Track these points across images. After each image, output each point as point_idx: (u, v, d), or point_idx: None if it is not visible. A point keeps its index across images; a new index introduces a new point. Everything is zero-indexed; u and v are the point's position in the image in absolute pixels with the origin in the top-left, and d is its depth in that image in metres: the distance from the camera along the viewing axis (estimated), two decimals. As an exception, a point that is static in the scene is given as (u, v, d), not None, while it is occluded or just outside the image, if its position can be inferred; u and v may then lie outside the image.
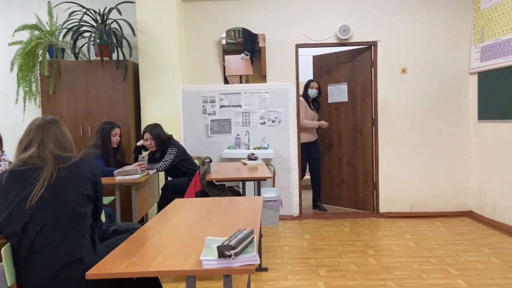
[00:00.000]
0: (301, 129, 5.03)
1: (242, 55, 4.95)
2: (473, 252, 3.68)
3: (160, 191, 4.04)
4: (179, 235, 1.74)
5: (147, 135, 3.86)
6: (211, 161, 3.60)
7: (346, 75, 5.12)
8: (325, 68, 5.31)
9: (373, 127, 5.03)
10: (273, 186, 4.99)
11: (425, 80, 4.97)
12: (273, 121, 5.02)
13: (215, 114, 5.02)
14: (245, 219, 1.94)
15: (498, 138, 4.44)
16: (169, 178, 4.20)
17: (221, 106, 5.02)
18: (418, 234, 4.29)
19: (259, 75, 4.96)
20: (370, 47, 4.98)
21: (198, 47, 5.01)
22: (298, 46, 5.00)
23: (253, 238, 1.47)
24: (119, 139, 3.76)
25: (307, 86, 5.12)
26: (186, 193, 3.42)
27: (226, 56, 4.97)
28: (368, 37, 4.95)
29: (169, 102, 4.46)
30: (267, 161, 4.97)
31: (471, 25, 4.87)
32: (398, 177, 5.03)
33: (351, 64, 5.10)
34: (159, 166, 3.73)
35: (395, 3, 4.92)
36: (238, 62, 4.97)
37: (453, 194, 5.01)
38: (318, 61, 5.45)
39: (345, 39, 4.91)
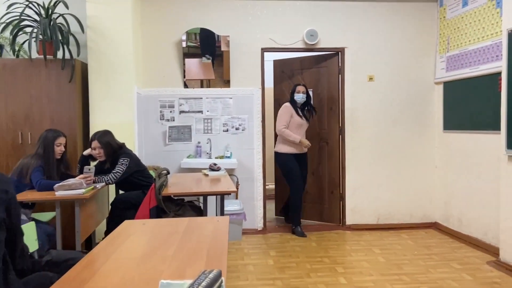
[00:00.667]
0: (284, 139, 4.54)
1: (203, 58, 4.63)
2: (444, 268, 3.55)
3: (110, 206, 3.63)
4: (125, 275, 1.39)
5: (95, 143, 3.44)
6: (168, 173, 3.24)
7: (311, 82, 4.90)
8: (287, 73, 5.03)
9: (340, 135, 4.85)
10: (236, 198, 4.69)
11: (391, 89, 4.87)
12: (236, 129, 4.73)
13: (174, 120, 4.66)
14: (210, 250, 1.62)
15: (462, 149, 4.38)
16: (121, 192, 3.79)
17: (181, 112, 4.67)
18: (386, 248, 4.13)
19: (221, 80, 4.66)
20: (338, 53, 4.82)
21: (156, 48, 4.64)
22: (264, 50, 4.75)
23: (222, 283, 1.17)
24: (63, 149, 3.32)
25: (293, 91, 4.58)
26: (140, 210, 3.05)
27: (186, 59, 4.63)
28: (336, 43, 4.78)
29: (122, 107, 4.06)
30: (230, 171, 4.66)
31: (437, 35, 4.82)
32: (364, 188, 4.88)
33: (316, 70, 4.90)
34: (108, 178, 3.32)
35: (363, 9, 4.78)
36: (199, 66, 4.64)
37: (418, 206, 4.93)
38: (279, 65, 5.15)
39: (312, 44, 4.71)
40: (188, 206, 3.18)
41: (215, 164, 3.88)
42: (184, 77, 4.64)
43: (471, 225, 4.27)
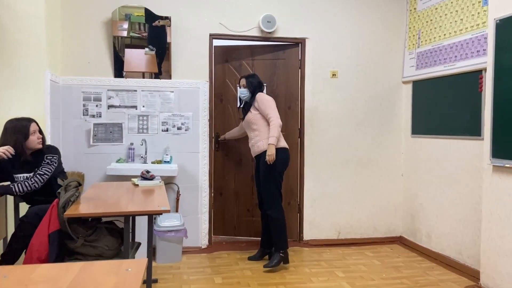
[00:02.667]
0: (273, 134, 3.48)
1: (147, 49, 3.84)
2: (420, 296, 3.02)
3: (18, 223, 2.72)
4: None
5: (35, 126, 2.83)
6: (79, 184, 2.44)
7: (266, 75, 4.20)
8: (233, 64, 4.23)
9: (299, 139, 4.24)
10: (176, 211, 3.94)
11: (356, 87, 4.33)
12: (179, 128, 3.98)
13: (100, 116, 3.83)
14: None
15: (433, 156, 3.92)
16: (31, 204, 2.90)
17: (110, 106, 3.85)
18: (350, 270, 3.56)
19: (167, 74, 3.90)
20: (298, 44, 4.21)
21: (79, 27, 3.79)
22: (213, 36, 4.04)
23: None
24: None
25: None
26: (35, 236, 2.23)
27: (126, 49, 3.82)
28: (296, 33, 4.17)
29: (28, 97, 3.19)
30: (170, 179, 3.91)
31: (406, 29, 4.35)
32: (324, 198, 4.30)
33: (272, 62, 4.24)
34: (34, 181, 2.66)
35: (326, -5, 4.21)
36: (135, 52, 3.85)
37: (382, 218, 4.42)
38: (221, 53, 4.21)
39: (269, 33, 4.07)
40: (105, 228, 2.40)
41: (147, 172, 3.11)
42: (115, 64, 3.83)
43: (442, 242, 3.81)
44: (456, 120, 3.61)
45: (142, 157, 3.85)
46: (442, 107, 3.78)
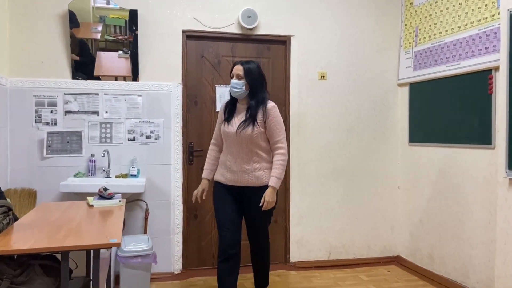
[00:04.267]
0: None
1: (120, 52, 3.37)
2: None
3: None
4: None
5: None
6: (10, 209, 1.94)
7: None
8: (211, 61, 3.70)
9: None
10: (145, 232, 3.44)
11: (347, 90, 3.90)
12: (147, 137, 3.49)
13: (56, 123, 3.32)
14: None
15: (434, 167, 3.50)
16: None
17: (67, 112, 3.34)
18: (345, 299, 3.10)
19: (132, 77, 3.42)
20: (283, 42, 3.76)
21: (30, 21, 3.29)
22: (186, 33, 3.57)
23: None
24: None
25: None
26: None
27: (76, 38, 3.33)
28: (280, 30, 3.73)
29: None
30: (137, 195, 3.41)
31: (401, 26, 3.95)
32: (313, 215, 3.84)
33: (256, 61, 3.76)
34: None
35: (313, -12, 3.79)
36: (107, 55, 3.37)
37: (377, 236, 3.98)
38: (196, 47, 3.63)
39: (250, 29, 3.62)
40: (39, 266, 1.89)
41: (105, 189, 2.61)
42: (73, 64, 3.33)
43: (446, 263, 3.38)
44: (462, 127, 3.19)
45: (104, 170, 3.35)
46: (444, 112, 3.37)
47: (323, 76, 3.82)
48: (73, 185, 3.08)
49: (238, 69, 2.63)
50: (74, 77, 3.34)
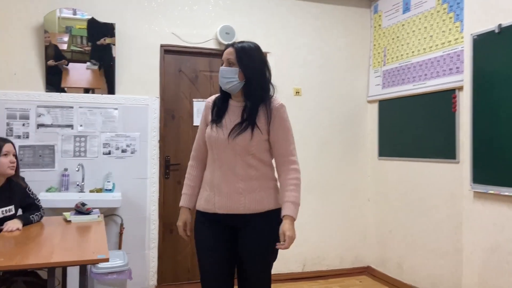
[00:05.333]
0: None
1: (88, 63, 3.33)
2: None
3: None
4: None
5: (9, 147, 2.32)
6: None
7: (226, 94, 3.82)
8: (188, 75, 3.74)
9: (260, 162, 3.85)
10: (119, 247, 3.38)
11: (320, 106, 4.04)
12: (123, 151, 3.46)
13: (28, 137, 3.23)
14: None
15: (403, 180, 3.67)
16: None
17: (40, 126, 3.27)
18: (320, 310, 3.17)
19: (103, 88, 3.39)
20: (259, 59, 3.86)
21: (2, 33, 3.21)
22: (164, 47, 3.60)
23: None
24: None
25: None
26: None
27: (50, 51, 3.27)
28: (256, 46, 3.82)
29: None
30: (112, 210, 3.36)
31: (370, 46, 4.15)
32: (288, 228, 3.90)
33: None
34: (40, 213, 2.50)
35: (289, 9, 3.93)
36: (75, 67, 3.33)
37: (349, 247, 4.10)
38: (174, 61, 3.68)
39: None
40: (23, 283, 1.84)
41: (83, 204, 2.57)
42: (47, 75, 3.27)
43: (415, 273, 3.53)
44: (428, 142, 3.38)
45: (78, 185, 3.28)
46: (412, 128, 3.56)
47: (298, 92, 3.94)
48: (45, 200, 2.98)
49: (229, 52, 1.88)
50: (47, 90, 3.27)
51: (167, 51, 3.63)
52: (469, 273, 2.77)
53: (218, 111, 1.93)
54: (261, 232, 1.84)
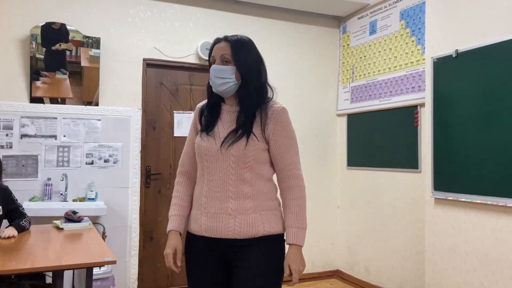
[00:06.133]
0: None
1: (58, 72, 3.39)
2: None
3: None
4: None
5: None
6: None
7: (205, 106, 3.99)
8: (169, 88, 3.88)
9: (238, 172, 4.04)
10: (102, 255, 3.45)
11: (293, 119, 4.22)
12: (106, 161, 3.55)
13: (11, 147, 3.27)
14: None
15: (370, 188, 3.97)
16: None
17: (23, 136, 3.31)
18: (296, 311, 3.36)
19: (79, 100, 3.46)
20: (237, 73, 4.07)
21: (-12, 43, 3.25)
22: (147, 61, 3.74)
23: None
24: None
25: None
26: None
27: (34, 62, 3.34)
28: (234, 61, 4.03)
29: None
30: (94, 219, 3.42)
31: (339, 64, 4.46)
32: (264, 234, 4.10)
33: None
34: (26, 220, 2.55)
35: (264, 27, 4.17)
36: (53, 77, 3.40)
37: (320, 252, 4.35)
38: (155, 74, 3.82)
39: (207, 60, 3.87)
40: (29, 285, 1.93)
41: (74, 213, 2.66)
42: (31, 87, 3.33)
43: (381, 275, 3.81)
44: (393, 153, 3.70)
45: (61, 194, 3.34)
46: (378, 140, 3.87)
47: (273, 106, 4.17)
48: (28, 210, 3.02)
49: (222, 48, 1.61)
50: (32, 101, 3.33)
51: (149, 64, 3.77)
52: (431, 273, 3.07)
53: (208, 119, 1.66)
54: (256, 264, 1.52)
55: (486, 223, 2.67)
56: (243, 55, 1.60)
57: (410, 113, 3.51)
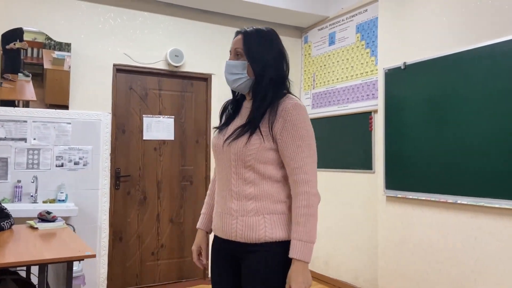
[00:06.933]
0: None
1: (20, 74, 3.45)
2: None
3: None
4: None
5: None
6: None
7: (173, 108, 4.12)
8: (139, 93, 3.99)
9: (206, 173, 4.22)
10: (72, 255, 3.52)
11: (258, 124, 4.51)
12: (76, 163, 3.63)
13: (-20, 149, 3.30)
14: None
15: (329, 188, 4.26)
16: None
17: (-7, 139, 3.35)
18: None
19: (42, 103, 3.52)
20: (205, 80, 4.26)
21: (-44, 46, 3.27)
22: (117, 67, 3.85)
23: None
24: None
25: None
26: None
27: (5, 66, 3.38)
28: (203, 68, 4.22)
29: None
30: (65, 220, 3.48)
31: (301, 71, 4.74)
32: (230, 233, 4.30)
33: (181, 95, 4.18)
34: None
35: (226, 35, 4.37)
36: (16, 83, 3.45)
37: (284, 249, 4.58)
38: (125, 79, 3.92)
39: (176, 67, 4.04)
40: (11, 281, 2.04)
41: (48, 213, 2.75)
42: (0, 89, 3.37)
43: (339, 268, 4.10)
44: (350, 156, 4.00)
45: (32, 196, 3.40)
46: (336, 143, 4.17)
47: (239, 111, 4.38)
48: (2, 211, 3.09)
49: (236, 41, 1.54)
50: (1, 104, 3.37)
51: (119, 70, 3.88)
52: (384, 264, 3.38)
53: (229, 115, 1.61)
54: (256, 272, 1.43)
55: (431, 217, 3.00)
56: (257, 47, 1.49)
57: (365, 118, 3.82)
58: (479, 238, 2.70)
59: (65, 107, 3.60)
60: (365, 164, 3.81)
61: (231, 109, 1.61)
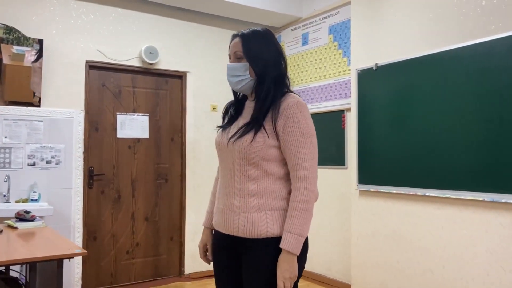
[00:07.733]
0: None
1: None
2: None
3: None
4: None
5: None
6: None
7: (147, 105, 4.10)
8: (112, 90, 3.93)
9: (183, 171, 4.23)
10: (47, 256, 3.44)
11: (232, 121, 4.56)
12: (48, 162, 3.55)
13: None
14: None
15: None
16: None
17: (-40, 137, 3.21)
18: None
19: (1, 99, 3.38)
20: (180, 77, 4.26)
21: None
22: (89, 63, 3.78)
23: None
24: None
25: None
26: None
27: None
28: (178, 66, 4.22)
29: None
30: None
31: (274, 70, 4.83)
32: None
33: (155, 93, 4.15)
34: None
35: (204, 32, 4.40)
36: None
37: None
38: (98, 76, 3.86)
39: (151, 64, 4.02)
40: (1, 279, 1.99)
41: (27, 212, 2.69)
42: (-32, 87, 3.24)
43: (313, 261, 4.23)
44: (323, 152, 4.10)
45: (4, 195, 3.29)
46: (309, 140, 4.28)
47: (215, 108, 4.42)
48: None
49: (234, 44, 1.60)
50: (-32, 101, 3.24)
51: (92, 66, 3.82)
52: (356, 255, 3.53)
53: (232, 116, 1.69)
54: (257, 266, 1.50)
55: (401, 209, 3.17)
56: (256, 49, 1.56)
57: (338, 116, 3.96)
58: (446, 228, 2.89)
59: (29, 104, 3.48)
60: (339, 160, 3.95)
61: (233, 111, 1.69)
